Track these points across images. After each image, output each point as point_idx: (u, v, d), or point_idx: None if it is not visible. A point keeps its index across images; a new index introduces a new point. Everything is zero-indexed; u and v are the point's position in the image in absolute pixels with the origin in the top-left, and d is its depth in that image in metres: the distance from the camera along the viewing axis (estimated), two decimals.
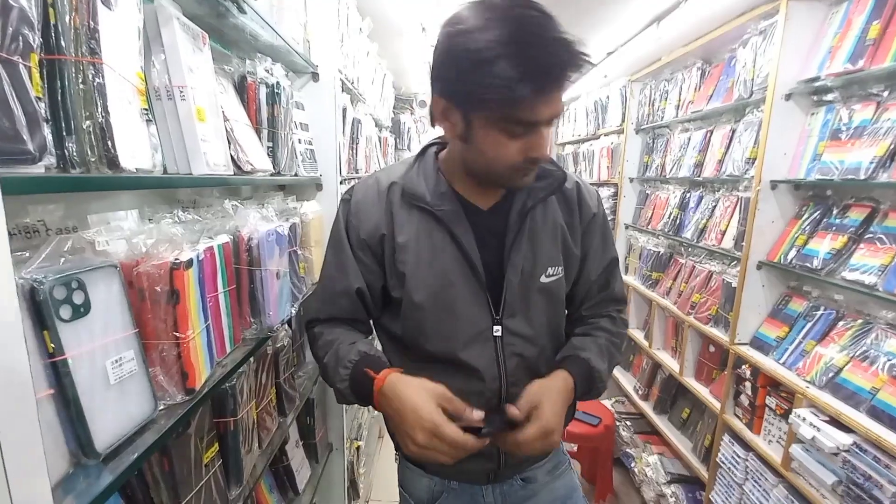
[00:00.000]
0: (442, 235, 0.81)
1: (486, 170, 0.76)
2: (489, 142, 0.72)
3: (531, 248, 0.83)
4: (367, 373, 0.77)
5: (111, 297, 0.59)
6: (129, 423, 0.61)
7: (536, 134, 0.70)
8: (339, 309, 0.88)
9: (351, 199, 0.86)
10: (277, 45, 1.15)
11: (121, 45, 0.59)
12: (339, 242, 0.86)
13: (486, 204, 0.84)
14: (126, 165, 0.56)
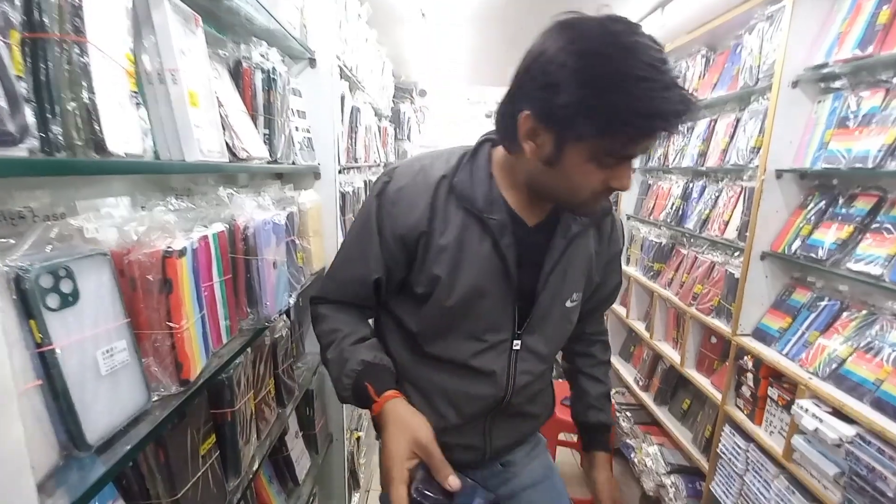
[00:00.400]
0: (486, 244, 0.77)
1: (565, 195, 0.73)
2: (579, 170, 0.67)
3: (564, 274, 0.83)
4: (367, 388, 0.74)
5: (101, 285, 0.57)
6: (121, 414, 0.60)
7: (625, 166, 0.69)
8: (352, 295, 0.86)
9: (390, 182, 0.79)
10: (273, 30, 1.12)
11: (108, 25, 0.56)
12: (366, 226, 0.80)
13: (532, 220, 0.81)
14: (114, 149, 0.54)
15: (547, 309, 0.83)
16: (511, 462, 0.98)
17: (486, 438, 0.90)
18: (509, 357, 0.83)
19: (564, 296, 0.85)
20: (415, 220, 0.77)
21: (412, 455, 0.65)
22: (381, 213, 0.79)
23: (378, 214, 0.79)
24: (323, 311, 0.87)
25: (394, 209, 0.78)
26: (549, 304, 0.83)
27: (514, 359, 0.84)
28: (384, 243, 0.79)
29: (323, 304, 0.88)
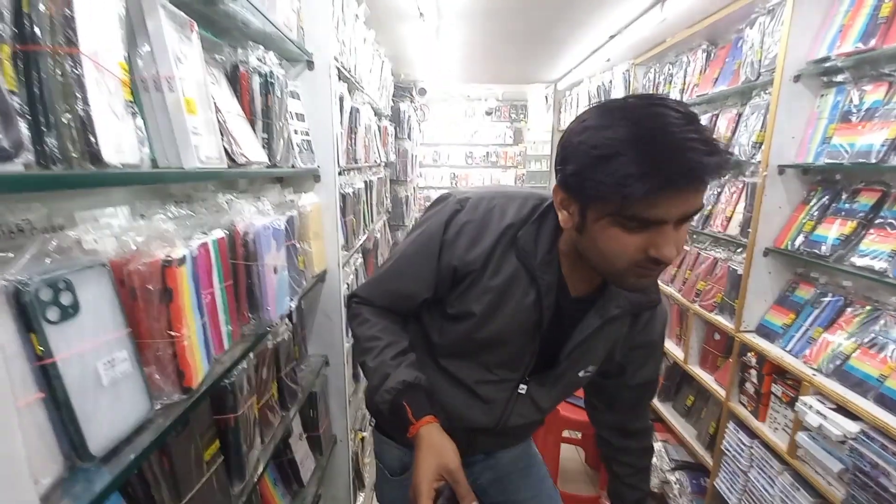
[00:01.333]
0: (529, 298, 0.79)
1: (602, 263, 0.71)
2: (603, 235, 0.67)
3: (586, 348, 0.84)
4: (406, 410, 0.79)
5: (101, 297, 0.57)
6: (124, 424, 0.60)
7: (660, 232, 0.63)
8: (395, 304, 0.89)
9: (461, 213, 0.80)
10: (270, 33, 1.12)
11: (101, 35, 0.56)
12: (427, 247, 0.82)
13: (576, 290, 0.82)
14: (110, 160, 0.54)
15: (562, 374, 0.86)
16: (492, 453, 1.04)
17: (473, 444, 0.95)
18: (510, 395, 0.87)
19: (581, 367, 0.87)
20: (473, 257, 0.79)
21: (440, 477, 0.72)
22: (444, 239, 0.80)
23: (441, 240, 0.81)
24: (365, 314, 0.89)
25: (457, 240, 0.80)
26: (565, 370, 0.86)
27: (515, 399, 0.88)
28: (439, 268, 0.81)
29: (365, 306, 0.90)
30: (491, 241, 0.78)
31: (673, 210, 0.61)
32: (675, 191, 0.59)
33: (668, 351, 2.35)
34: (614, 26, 2.51)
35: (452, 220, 0.80)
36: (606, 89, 3.26)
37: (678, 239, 0.64)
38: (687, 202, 0.61)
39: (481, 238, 0.79)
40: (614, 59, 3.01)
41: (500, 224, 0.79)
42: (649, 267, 0.66)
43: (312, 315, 1.57)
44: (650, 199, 0.59)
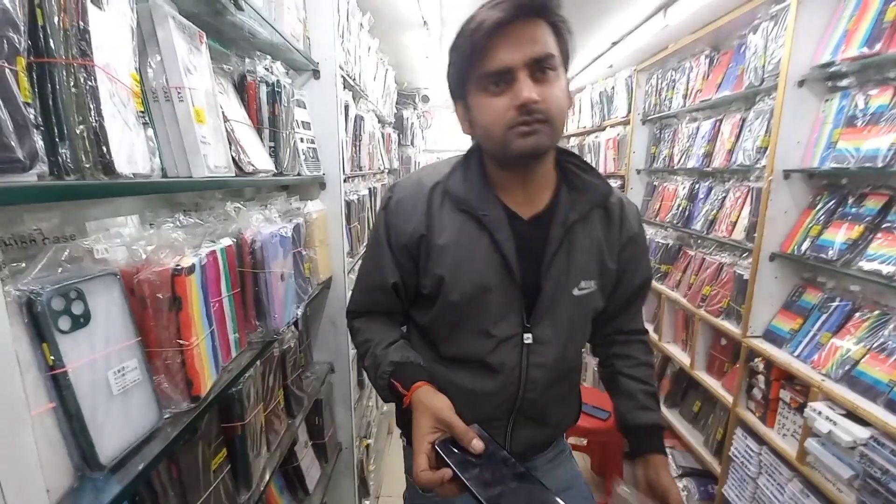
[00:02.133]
0: (484, 240, 0.80)
1: (493, 143, 0.76)
2: (481, 109, 0.75)
3: (568, 262, 0.82)
4: (396, 387, 0.79)
5: (112, 305, 0.58)
6: (133, 433, 0.60)
7: (517, 81, 0.70)
8: (375, 303, 0.90)
9: (392, 198, 0.85)
10: (277, 43, 1.13)
11: (113, 47, 0.57)
12: (377, 239, 0.87)
13: (527, 213, 0.83)
14: (122, 171, 0.54)
15: (552, 298, 0.82)
16: (533, 468, 0.96)
17: (506, 442, 0.90)
18: (521, 351, 0.83)
19: (571, 284, 0.83)
20: (413, 226, 0.82)
21: (434, 430, 0.69)
22: (387, 224, 0.85)
23: (386, 226, 0.85)
24: (356, 325, 0.92)
25: (396, 220, 0.83)
26: (554, 293, 0.82)
27: (526, 352, 0.83)
28: (393, 252, 0.84)
29: (356, 318, 0.93)
30: (423, 204, 0.82)
31: (511, 54, 0.69)
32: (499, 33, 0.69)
33: (675, 356, 2.34)
34: (616, 33, 2.52)
35: (387, 206, 0.85)
36: (609, 95, 3.27)
37: (543, 90, 0.70)
38: (520, 43, 0.69)
39: (414, 206, 0.82)
40: (617, 65, 3.02)
41: (426, 188, 0.83)
42: (522, 120, 0.71)
43: (318, 322, 1.57)
44: (487, 51, 0.70)
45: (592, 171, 0.86)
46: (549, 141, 0.74)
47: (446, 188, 0.82)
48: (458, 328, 0.84)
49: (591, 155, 3.63)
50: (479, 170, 0.83)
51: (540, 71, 0.71)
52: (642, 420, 0.92)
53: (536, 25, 0.71)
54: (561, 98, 0.73)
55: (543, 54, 0.70)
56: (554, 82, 0.72)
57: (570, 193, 0.84)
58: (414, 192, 0.83)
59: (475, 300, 0.80)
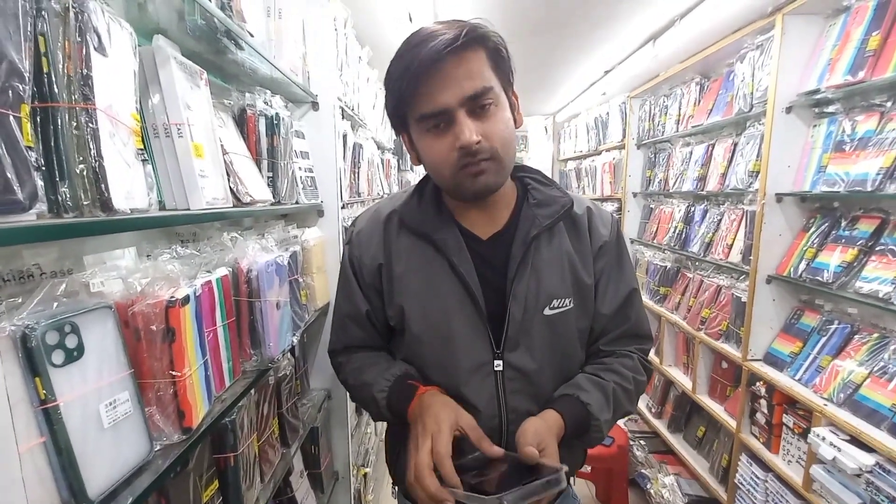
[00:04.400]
0: (441, 265, 0.78)
1: (442, 180, 0.76)
2: (425, 149, 0.74)
3: (535, 279, 0.78)
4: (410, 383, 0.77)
5: (105, 338, 0.58)
6: (123, 466, 0.60)
7: (456, 122, 0.69)
8: (351, 336, 0.88)
9: (353, 230, 0.87)
10: (277, 78, 1.17)
11: (115, 89, 0.59)
12: (344, 273, 0.88)
13: (485, 233, 0.81)
14: (119, 207, 0.56)
15: (522, 321, 0.77)
16: None
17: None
18: (495, 380, 0.77)
19: (541, 304, 0.77)
20: (371, 255, 0.83)
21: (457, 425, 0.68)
22: (351, 256, 0.86)
23: (350, 260, 0.86)
24: (340, 361, 0.90)
25: (357, 251, 0.85)
26: (524, 315, 0.76)
27: (501, 381, 0.77)
28: (360, 283, 0.85)
29: (339, 355, 0.91)
30: (379, 233, 0.83)
31: (445, 94, 0.68)
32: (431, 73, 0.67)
33: (676, 380, 2.32)
34: (608, 62, 2.60)
35: (351, 239, 0.87)
36: (604, 120, 3.33)
37: (484, 127, 0.69)
38: (455, 81, 0.67)
39: (371, 236, 0.83)
40: (610, 92, 3.09)
41: (382, 216, 0.84)
42: (467, 161, 0.70)
43: (315, 348, 1.57)
44: (422, 92, 0.68)
45: (553, 185, 0.85)
46: (499, 178, 0.74)
47: (401, 215, 0.82)
48: (429, 360, 0.80)
49: (587, 178, 3.67)
50: (434, 194, 0.83)
51: (479, 107, 0.69)
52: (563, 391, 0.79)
53: (469, 59, 0.68)
54: (504, 131, 0.71)
55: (480, 89, 0.68)
56: (495, 115, 0.71)
57: (531, 209, 0.81)
58: (371, 223, 0.85)
59: (439, 328, 0.78)
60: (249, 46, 0.94)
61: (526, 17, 1.97)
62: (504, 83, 0.74)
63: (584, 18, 1.98)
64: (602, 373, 0.81)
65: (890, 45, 1.35)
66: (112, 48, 0.60)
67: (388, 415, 0.80)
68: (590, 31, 2.11)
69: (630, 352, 0.85)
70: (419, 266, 0.80)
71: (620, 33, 2.14)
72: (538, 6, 1.86)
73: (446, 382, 0.79)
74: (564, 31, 2.11)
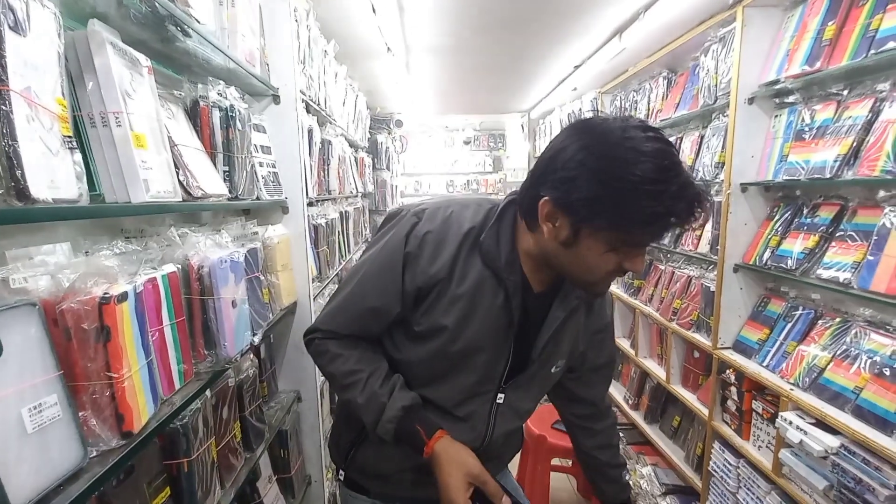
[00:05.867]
0: (499, 301, 0.80)
1: (578, 275, 0.76)
2: (593, 254, 0.71)
3: (556, 342, 0.86)
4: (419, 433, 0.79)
5: (28, 338, 0.55)
6: (52, 474, 0.56)
7: (639, 250, 0.73)
8: (364, 328, 0.83)
9: (419, 224, 0.79)
10: (233, 69, 1.13)
11: (35, 72, 0.56)
12: (390, 261, 0.79)
13: (538, 286, 0.84)
14: (39, 196, 0.52)
15: (536, 372, 0.87)
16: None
17: None
18: (490, 408, 0.86)
19: (552, 362, 0.89)
20: (438, 267, 0.78)
21: (469, 485, 0.75)
22: (407, 252, 0.78)
23: (404, 254, 0.78)
24: (333, 349, 0.83)
25: (420, 251, 0.78)
26: (538, 368, 0.87)
27: (496, 412, 0.86)
28: (406, 282, 0.79)
29: (331, 340, 0.84)
30: (454, 247, 0.78)
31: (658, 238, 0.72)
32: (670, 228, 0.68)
33: (651, 371, 2.34)
34: (578, 57, 2.61)
35: (412, 232, 0.78)
36: (577, 116, 3.36)
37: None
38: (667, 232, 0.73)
39: (443, 246, 0.78)
40: (581, 88, 3.11)
41: (460, 230, 0.79)
42: (617, 276, 0.76)
43: (283, 349, 1.52)
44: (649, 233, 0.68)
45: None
46: None
47: (480, 239, 0.78)
48: (440, 375, 0.83)
49: None
50: (512, 231, 0.81)
51: None
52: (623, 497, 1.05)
53: None
54: None
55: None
56: None
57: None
58: (446, 229, 0.79)
59: (468, 354, 0.81)
60: (197, 34, 0.90)
61: (493, 11, 1.96)
62: None
63: (550, 13, 1.99)
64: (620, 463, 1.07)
65: (845, 35, 1.38)
66: (31, 28, 0.56)
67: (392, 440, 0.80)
68: (557, 24, 2.11)
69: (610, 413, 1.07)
70: (478, 294, 0.79)
71: (587, 27, 2.15)
72: (504, 0, 1.86)
73: (445, 398, 0.84)
74: (533, 26, 2.12)
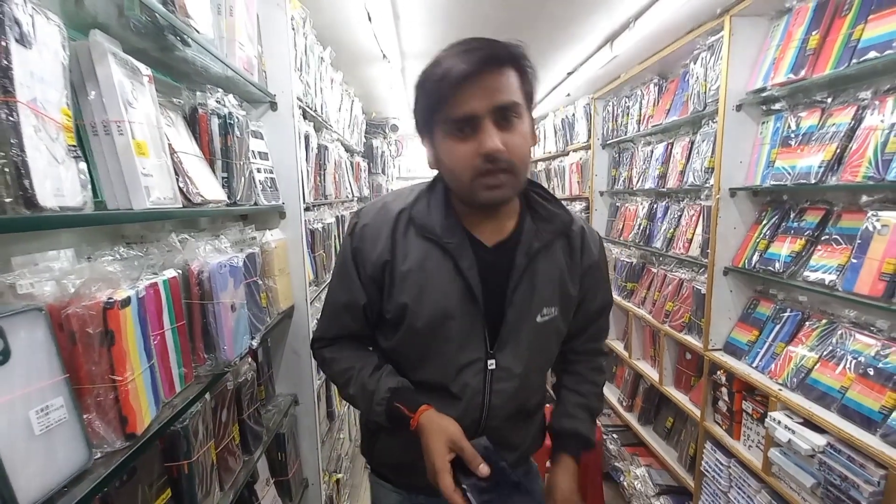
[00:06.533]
0: (447, 267, 0.81)
1: (459, 184, 0.78)
2: (446, 152, 0.76)
3: (531, 289, 0.84)
4: (401, 409, 0.81)
5: (35, 342, 0.56)
6: (58, 475, 0.57)
7: (482, 130, 0.72)
8: (343, 326, 0.90)
9: (357, 223, 0.87)
10: (231, 77, 1.15)
11: (41, 83, 0.57)
12: (345, 263, 0.87)
13: (491, 241, 0.84)
14: (46, 204, 0.54)
15: (515, 325, 0.84)
16: None
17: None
18: (484, 377, 0.84)
19: (534, 311, 0.85)
20: (378, 252, 0.83)
21: (449, 451, 0.75)
22: (354, 250, 0.86)
23: (352, 252, 0.86)
24: (327, 355, 0.92)
25: (362, 245, 0.84)
26: (518, 320, 0.84)
27: (490, 378, 0.84)
28: (360, 275, 0.86)
29: (325, 348, 0.93)
30: (388, 231, 0.83)
31: (476, 102, 0.71)
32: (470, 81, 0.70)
33: (645, 373, 2.37)
34: (570, 64, 2.65)
35: (353, 231, 0.87)
36: (570, 122, 3.39)
37: (507, 138, 0.73)
38: (486, 92, 0.71)
39: (380, 232, 0.83)
40: (574, 93, 3.15)
41: (392, 214, 0.84)
42: (488, 169, 0.73)
43: (280, 352, 1.54)
44: (456, 97, 0.71)
45: (555, 202, 0.90)
46: (513, 191, 0.78)
47: (412, 215, 0.83)
48: (422, 354, 0.85)
49: (556, 179, 3.73)
50: (444, 198, 0.84)
51: (504, 119, 0.73)
52: (563, 425, 0.96)
53: (502, 74, 0.73)
54: (524, 145, 0.76)
55: (508, 102, 0.72)
56: (518, 129, 0.74)
57: (534, 223, 0.86)
58: (379, 218, 0.85)
59: (438, 327, 0.81)
60: (196, 43, 0.92)
61: (486, 18, 1.99)
62: (527, 104, 0.79)
63: (543, 20, 2.02)
64: (583, 387, 0.99)
65: (829, 44, 1.42)
66: (37, 40, 0.58)
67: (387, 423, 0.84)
68: (550, 32, 2.15)
69: (597, 355, 1.02)
70: (426, 266, 0.81)
71: (580, 35, 2.19)
72: (497, 7, 1.89)
73: (438, 377, 0.85)
74: (526, 33, 2.15)
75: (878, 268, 1.23)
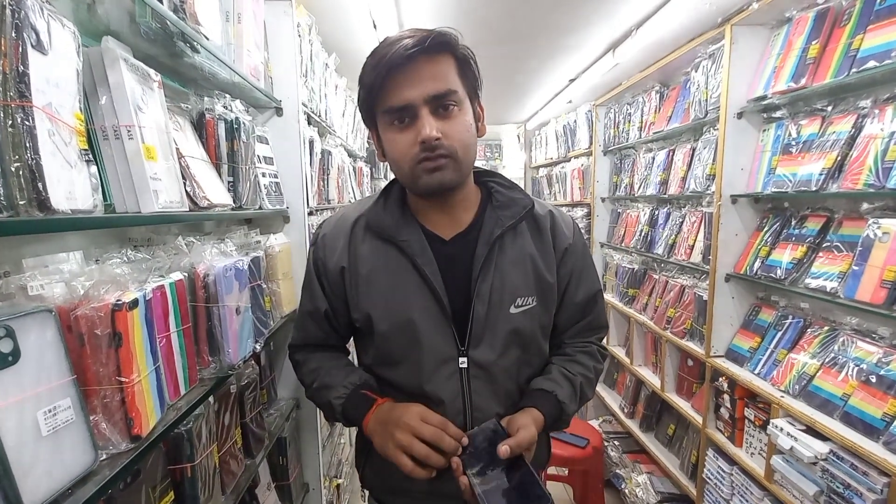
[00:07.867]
0: (405, 266, 0.81)
1: (401, 173, 0.79)
2: (388, 142, 0.77)
3: (499, 278, 0.80)
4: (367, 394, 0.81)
5: (44, 343, 0.57)
6: (65, 476, 0.58)
7: (418, 119, 0.73)
8: (310, 334, 0.93)
9: (319, 233, 0.89)
10: (238, 82, 1.16)
11: (56, 88, 0.58)
12: (309, 273, 0.91)
13: (448, 234, 0.84)
14: (59, 207, 0.55)
15: (486, 319, 0.80)
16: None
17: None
18: (460, 377, 0.80)
19: (506, 302, 0.80)
20: (336, 258, 0.85)
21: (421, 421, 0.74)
22: (315, 260, 0.89)
23: (314, 262, 0.89)
24: (298, 358, 0.95)
25: (323, 254, 0.87)
26: (488, 313, 0.80)
27: (466, 378, 0.80)
28: (323, 284, 0.89)
29: (297, 352, 0.96)
30: (345, 238, 0.85)
31: (411, 91, 0.72)
32: (400, 70, 0.71)
33: (646, 379, 2.36)
34: (572, 71, 2.67)
35: (315, 242, 0.90)
36: (572, 128, 3.41)
37: (445, 126, 0.73)
38: (421, 80, 0.72)
39: (337, 240, 0.86)
40: (576, 100, 3.17)
41: (346, 222, 0.87)
42: (425, 156, 0.73)
43: (282, 357, 1.54)
44: (390, 87, 0.72)
45: (515, 188, 0.88)
46: (456, 176, 0.77)
47: (367, 219, 0.84)
48: (396, 359, 0.83)
49: (558, 185, 3.75)
50: (399, 197, 0.86)
51: (442, 107, 0.74)
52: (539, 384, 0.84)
53: (437, 62, 0.73)
54: (464, 133, 0.75)
55: (444, 91, 0.73)
56: (457, 117, 0.75)
57: (494, 211, 0.84)
58: (337, 228, 0.87)
59: (404, 328, 0.80)
60: (205, 50, 0.94)
61: (490, 27, 2.01)
62: (470, 92, 0.79)
63: (546, 28, 2.04)
64: (569, 365, 0.88)
65: (829, 53, 1.44)
66: (53, 46, 0.59)
67: (343, 420, 0.84)
68: (552, 40, 2.17)
69: (590, 342, 0.94)
70: (383, 268, 0.82)
71: (582, 43, 2.21)
72: (501, 16, 1.91)
73: (412, 380, 0.82)
74: (529, 41, 2.17)
75: (880, 275, 1.23)
